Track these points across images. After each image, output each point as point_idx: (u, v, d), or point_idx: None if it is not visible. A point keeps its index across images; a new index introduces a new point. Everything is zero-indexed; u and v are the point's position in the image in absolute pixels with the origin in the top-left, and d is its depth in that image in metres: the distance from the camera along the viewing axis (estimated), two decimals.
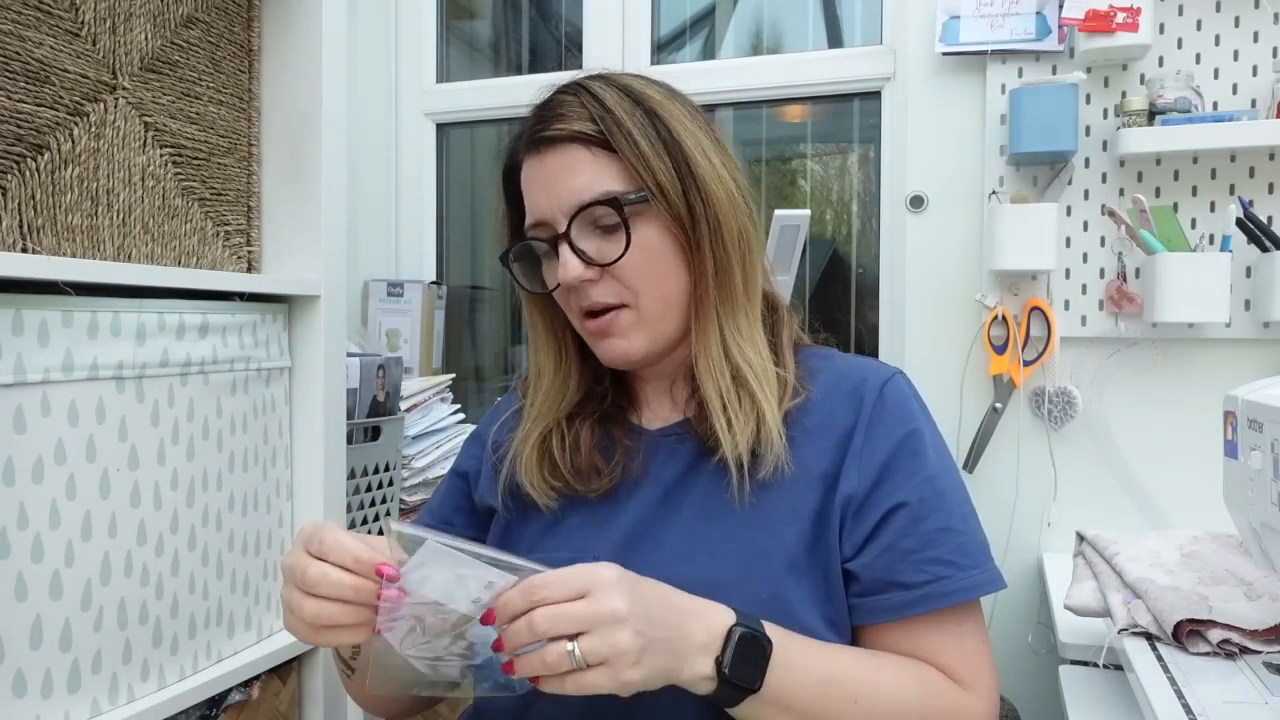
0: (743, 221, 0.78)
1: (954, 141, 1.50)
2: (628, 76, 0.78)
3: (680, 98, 0.80)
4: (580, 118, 0.74)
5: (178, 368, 0.88)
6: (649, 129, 0.74)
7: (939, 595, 0.71)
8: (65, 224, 0.81)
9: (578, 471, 0.80)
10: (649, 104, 0.75)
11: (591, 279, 0.75)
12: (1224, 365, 1.39)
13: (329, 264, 1.05)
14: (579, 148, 0.74)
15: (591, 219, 0.74)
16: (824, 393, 0.79)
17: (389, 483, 1.38)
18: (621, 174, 0.74)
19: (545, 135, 0.75)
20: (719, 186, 0.76)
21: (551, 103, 0.77)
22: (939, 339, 1.51)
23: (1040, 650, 1.43)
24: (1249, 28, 1.36)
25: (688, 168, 0.75)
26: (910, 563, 0.72)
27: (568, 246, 0.74)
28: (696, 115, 0.79)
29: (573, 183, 0.74)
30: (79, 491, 0.78)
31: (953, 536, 0.74)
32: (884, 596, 0.72)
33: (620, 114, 0.74)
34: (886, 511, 0.73)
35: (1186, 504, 1.41)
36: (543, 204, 0.76)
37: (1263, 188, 1.36)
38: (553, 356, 0.85)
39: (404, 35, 1.96)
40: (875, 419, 0.76)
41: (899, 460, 0.75)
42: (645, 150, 0.73)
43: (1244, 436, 0.85)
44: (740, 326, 0.78)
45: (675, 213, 0.74)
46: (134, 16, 0.87)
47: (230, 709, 0.95)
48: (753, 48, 1.84)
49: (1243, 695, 0.80)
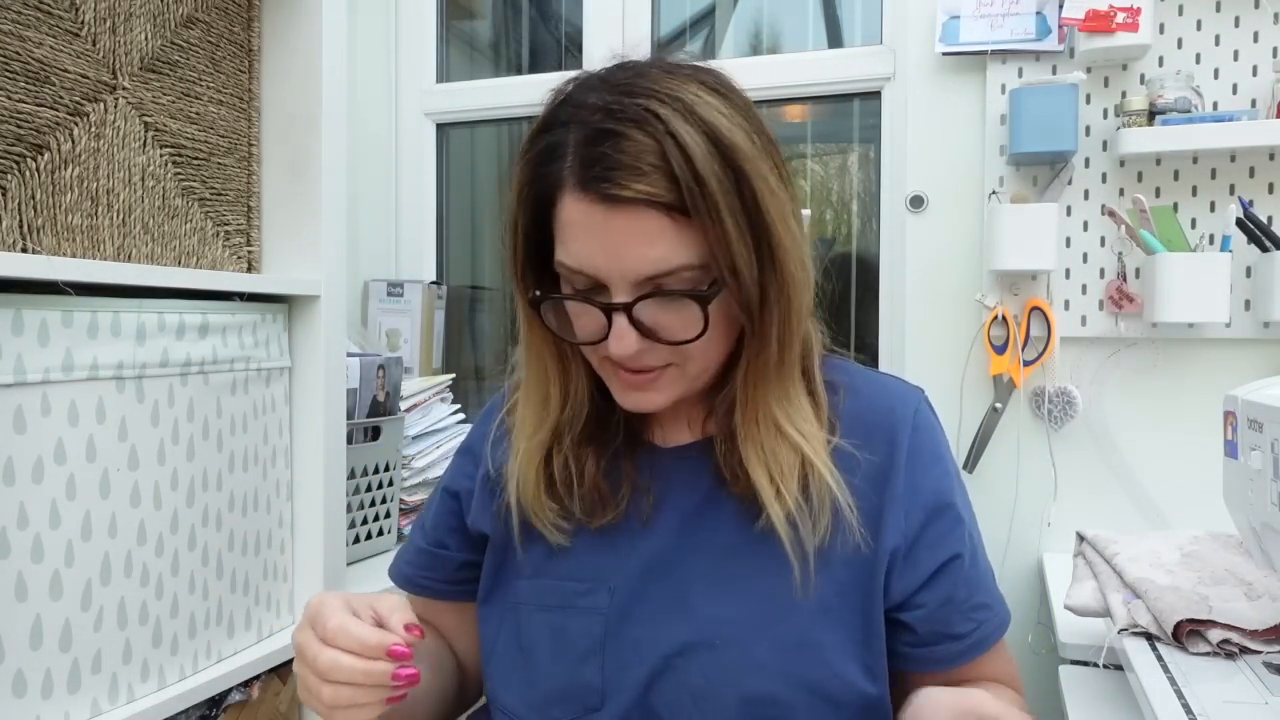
0: (812, 291, 0.71)
1: (954, 141, 1.50)
2: (711, 102, 0.64)
3: (758, 125, 0.67)
4: (660, 174, 0.61)
5: (178, 368, 0.88)
6: (735, 199, 0.63)
7: (982, 641, 0.73)
8: (65, 224, 0.81)
9: (584, 501, 0.74)
10: (737, 159, 0.63)
11: (646, 349, 0.67)
12: (1224, 365, 1.39)
13: (329, 264, 1.05)
14: (657, 214, 0.62)
15: (659, 292, 0.65)
16: (851, 421, 0.74)
17: (389, 483, 1.38)
18: (700, 246, 0.64)
19: (614, 194, 0.61)
20: (795, 263, 0.67)
21: (622, 141, 0.61)
22: (939, 339, 1.51)
23: (1040, 650, 1.43)
24: (1249, 28, 1.36)
25: (769, 248, 0.65)
26: (961, 613, 0.72)
27: (626, 320, 0.65)
28: (772, 150, 0.68)
29: (646, 252, 0.63)
30: (79, 491, 0.78)
31: (986, 578, 0.75)
32: (937, 648, 0.72)
33: (709, 179, 0.61)
34: (943, 562, 0.72)
35: (1186, 504, 1.41)
36: (599, 263, 0.64)
37: (1263, 188, 1.36)
38: (557, 373, 0.75)
39: (404, 35, 1.96)
40: (914, 457, 0.73)
41: (944, 502, 0.74)
42: (729, 230, 0.62)
43: (1244, 436, 0.85)
44: (791, 398, 0.71)
45: (746, 299, 0.65)
46: (134, 16, 0.87)
47: (230, 709, 0.95)
48: (752, 48, 1.84)
49: (1243, 695, 0.80)
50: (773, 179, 0.65)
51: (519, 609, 0.76)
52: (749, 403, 0.70)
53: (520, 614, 0.76)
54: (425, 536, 0.87)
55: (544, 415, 0.76)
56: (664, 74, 0.65)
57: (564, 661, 0.72)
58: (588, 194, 0.63)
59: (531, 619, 0.75)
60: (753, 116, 0.67)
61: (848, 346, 1.75)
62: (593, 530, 0.75)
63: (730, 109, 0.65)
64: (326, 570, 1.05)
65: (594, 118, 0.63)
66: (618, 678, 0.70)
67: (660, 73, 0.66)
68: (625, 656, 0.71)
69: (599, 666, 0.71)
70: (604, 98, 0.64)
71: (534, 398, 0.77)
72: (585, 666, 0.71)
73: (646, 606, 0.71)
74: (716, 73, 0.69)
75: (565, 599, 0.74)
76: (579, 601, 0.73)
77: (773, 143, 0.68)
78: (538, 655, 0.74)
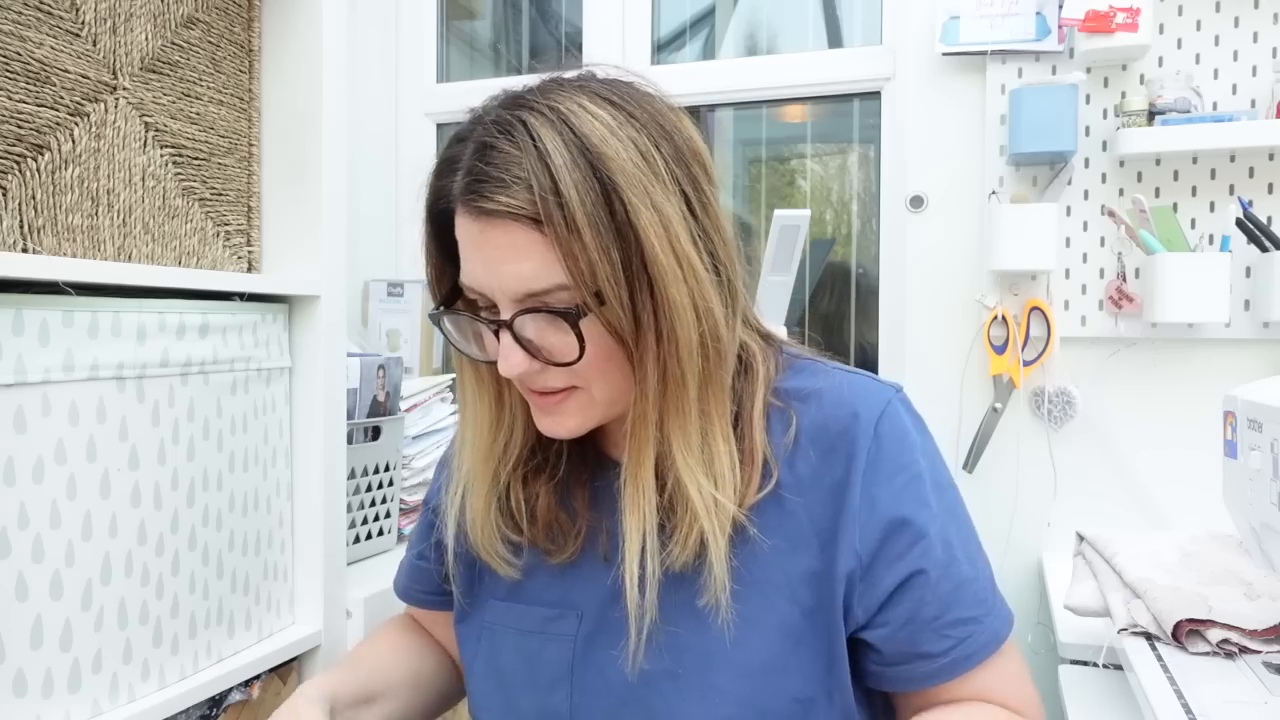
0: (711, 324, 0.63)
1: (954, 141, 1.50)
2: (595, 112, 0.61)
3: (658, 138, 0.62)
4: (522, 186, 0.59)
5: (178, 368, 0.88)
6: (601, 212, 0.58)
7: (965, 659, 0.67)
8: (65, 224, 0.81)
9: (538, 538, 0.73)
10: (608, 170, 0.59)
11: (536, 370, 0.65)
12: (1224, 365, 1.39)
13: (329, 264, 1.05)
14: (525, 227, 0.60)
15: (536, 309, 0.63)
16: (811, 434, 0.69)
17: (389, 483, 1.38)
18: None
19: (482, 207, 0.60)
20: (679, 289, 0.61)
21: (491, 153, 0.60)
22: (939, 339, 1.51)
23: (1040, 650, 1.43)
24: (1249, 28, 1.36)
25: (643, 266, 0.60)
26: (932, 631, 0.66)
27: (510, 336, 0.63)
28: (677, 164, 0.63)
29: (519, 269, 0.61)
30: (79, 491, 0.78)
31: (968, 588, 0.68)
32: (909, 667, 0.68)
33: (567, 190, 0.58)
34: (902, 580, 0.66)
35: (1186, 504, 1.41)
36: (481, 279, 0.63)
37: (1262, 188, 1.36)
38: (489, 408, 0.73)
39: (404, 35, 1.96)
40: (873, 467, 0.67)
41: (905, 515, 0.67)
42: (589, 245, 0.58)
43: (1244, 436, 0.85)
44: (691, 446, 0.64)
45: (613, 322, 0.61)
46: (134, 16, 0.87)
47: (230, 709, 0.95)
48: (752, 48, 1.84)
49: (1243, 695, 0.80)
50: (660, 195, 0.60)
51: (495, 630, 0.76)
52: (633, 443, 0.65)
53: (496, 635, 0.76)
54: (413, 548, 0.89)
55: (478, 447, 0.73)
56: (559, 85, 0.64)
57: (537, 688, 0.72)
58: (466, 209, 0.62)
59: (506, 642, 0.75)
60: (654, 132, 0.62)
61: (847, 347, 1.75)
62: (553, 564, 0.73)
63: (620, 119, 0.61)
64: (326, 570, 1.06)
65: (480, 129, 0.63)
66: (585, 705, 0.70)
67: (558, 84, 0.64)
68: (593, 684, 0.71)
69: (567, 693, 0.71)
70: (493, 110, 0.64)
71: (470, 428, 0.74)
72: (555, 693, 0.71)
73: (611, 634, 0.70)
74: (627, 86, 0.65)
75: (536, 624, 0.73)
76: (549, 627, 0.73)
77: (682, 162, 0.63)
78: (513, 680, 0.74)
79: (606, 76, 0.66)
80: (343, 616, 1.10)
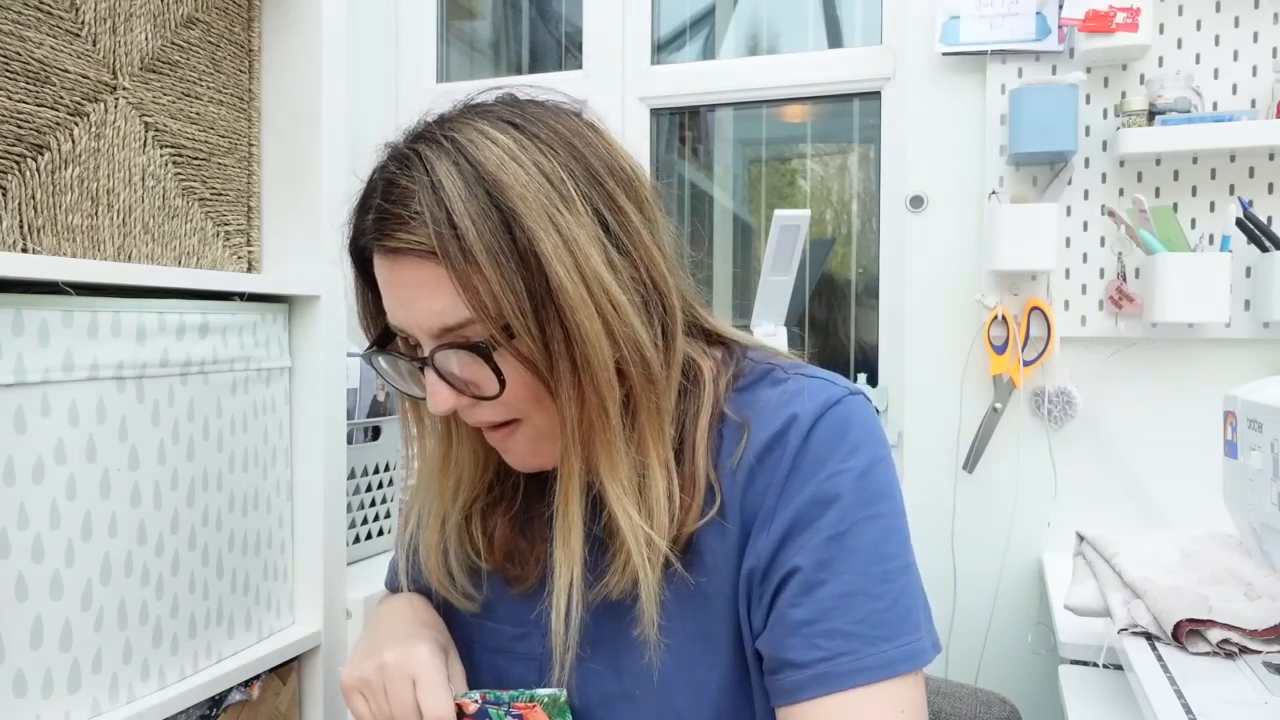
0: (630, 348, 0.60)
1: (954, 141, 1.50)
2: (495, 137, 0.59)
3: (566, 159, 0.60)
4: (419, 222, 0.58)
5: (178, 368, 0.88)
6: (502, 240, 0.57)
7: (833, 676, 0.59)
8: (65, 224, 0.81)
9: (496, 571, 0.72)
10: (507, 198, 0.57)
11: (466, 405, 0.63)
12: (1224, 365, 1.39)
13: (329, 264, 1.05)
14: (431, 263, 0.58)
15: (453, 345, 0.61)
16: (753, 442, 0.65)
17: (389, 483, 1.38)
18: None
19: (387, 246, 0.59)
20: (587, 315, 0.58)
21: (393, 189, 0.60)
22: (939, 339, 1.51)
23: (1040, 650, 1.44)
24: (1249, 28, 1.36)
25: (548, 294, 0.57)
26: (801, 637, 0.60)
27: (434, 373, 0.62)
28: (590, 185, 0.60)
29: (431, 305, 0.59)
30: (79, 491, 0.78)
31: (859, 603, 0.60)
32: (779, 677, 0.61)
33: (463, 221, 0.56)
34: (781, 579, 0.62)
35: (1186, 504, 1.41)
36: (399, 317, 0.62)
37: (1263, 188, 1.36)
38: (437, 447, 0.72)
39: (404, 35, 1.96)
40: (795, 469, 0.62)
41: (807, 516, 0.62)
42: (489, 275, 0.56)
43: (1244, 436, 0.85)
44: (620, 477, 0.62)
45: (522, 352, 0.59)
46: (134, 16, 0.87)
47: (230, 709, 0.95)
48: (752, 48, 1.84)
49: (1243, 695, 0.80)
50: (567, 218, 0.58)
51: (471, 647, 0.76)
52: (561, 476, 0.63)
53: (473, 652, 0.76)
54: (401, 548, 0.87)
55: (429, 487, 0.72)
56: (465, 113, 0.63)
57: None
58: (376, 249, 0.61)
59: (481, 659, 0.75)
60: (562, 153, 0.60)
61: (847, 346, 1.75)
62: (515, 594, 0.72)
63: (521, 145, 0.59)
64: (326, 570, 1.06)
65: (386, 166, 0.62)
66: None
67: (466, 111, 0.63)
68: None
69: None
70: (400, 143, 0.63)
71: (423, 464, 0.73)
72: None
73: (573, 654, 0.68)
74: (539, 106, 0.64)
75: (504, 643, 0.73)
76: (516, 647, 0.72)
77: (597, 183, 0.61)
78: None
79: (523, 98, 0.65)
80: (343, 616, 1.10)
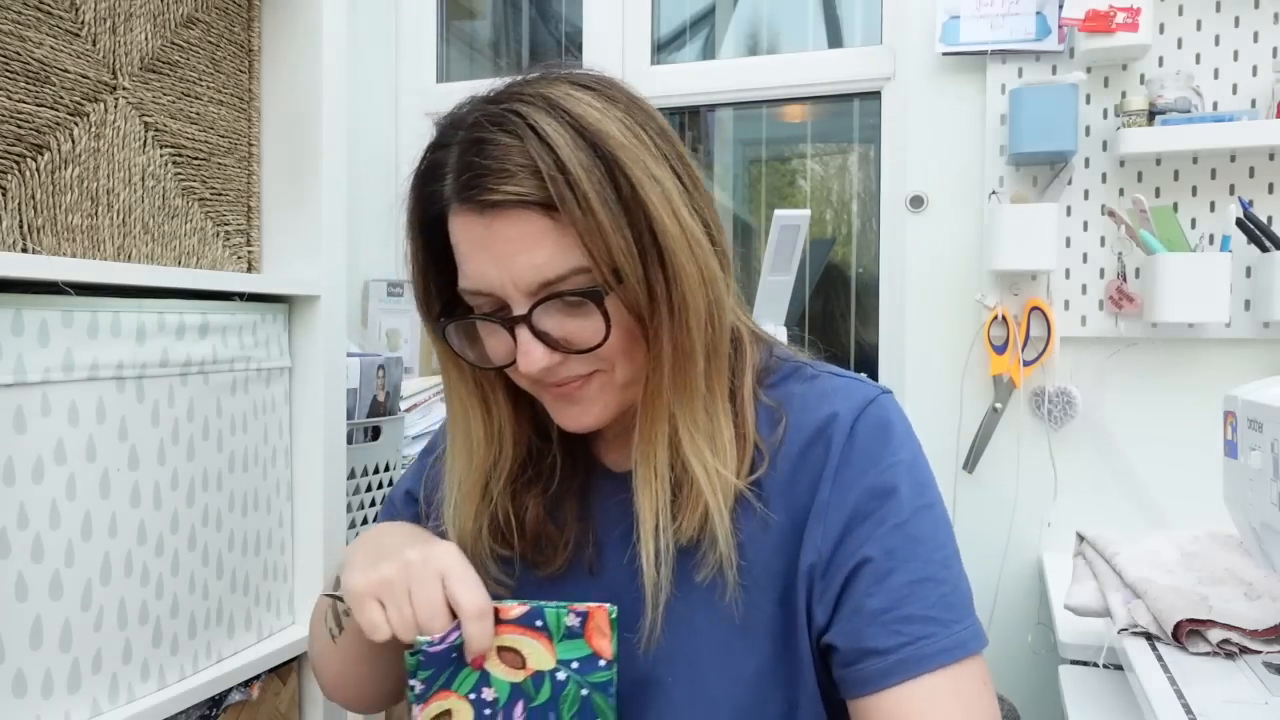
0: (715, 293, 0.64)
1: (954, 141, 1.50)
2: (580, 96, 0.62)
3: (642, 118, 0.64)
4: (528, 172, 0.59)
5: (178, 368, 0.88)
6: (608, 188, 0.59)
7: (918, 659, 0.61)
8: (65, 224, 0.81)
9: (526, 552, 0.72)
10: (608, 146, 0.60)
11: (558, 362, 0.63)
12: (1224, 365, 1.39)
13: (329, 264, 1.05)
14: (535, 214, 0.59)
15: (555, 296, 0.62)
16: (792, 435, 0.68)
17: (389, 483, 1.38)
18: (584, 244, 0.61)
19: (486, 200, 0.60)
20: (686, 256, 0.62)
21: (488, 147, 0.60)
22: (939, 339, 1.51)
23: (1040, 650, 1.44)
24: (1249, 28, 1.36)
25: (653, 237, 0.60)
26: (881, 625, 0.62)
27: (529, 331, 0.62)
28: (663, 141, 0.64)
29: (533, 258, 0.60)
30: (79, 491, 0.78)
31: (930, 588, 0.63)
32: (861, 667, 0.62)
33: (574, 168, 0.58)
34: (851, 570, 0.64)
35: (1186, 504, 1.41)
36: (490, 277, 0.62)
37: (1263, 188, 1.36)
38: (480, 417, 0.71)
39: (404, 35, 1.96)
40: (845, 463, 0.65)
41: (866, 508, 0.64)
42: (603, 221, 0.59)
43: (1244, 436, 0.85)
44: (698, 420, 0.65)
45: (631, 297, 0.61)
46: (134, 16, 0.87)
47: (230, 709, 0.95)
48: (752, 48, 1.84)
49: (1243, 695, 0.80)
50: (657, 167, 0.62)
51: None
52: (645, 419, 0.65)
53: None
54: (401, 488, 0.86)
55: (470, 460, 0.72)
56: (536, 79, 0.64)
57: None
58: (465, 206, 0.61)
59: None
60: (637, 113, 0.64)
61: (847, 346, 1.75)
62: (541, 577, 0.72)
63: (604, 102, 0.62)
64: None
65: (464, 131, 0.62)
66: None
67: (533, 79, 0.65)
68: None
69: None
70: (475, 110, 0.63)
71: (459, 442, 0.73)
72: None
73: (666, 593, 0.68)
74: (599, 75, 0.66)
75: None
76: None
77: (667, 139, 0.65)
78: None
79: (590, 71, 0.67)
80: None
